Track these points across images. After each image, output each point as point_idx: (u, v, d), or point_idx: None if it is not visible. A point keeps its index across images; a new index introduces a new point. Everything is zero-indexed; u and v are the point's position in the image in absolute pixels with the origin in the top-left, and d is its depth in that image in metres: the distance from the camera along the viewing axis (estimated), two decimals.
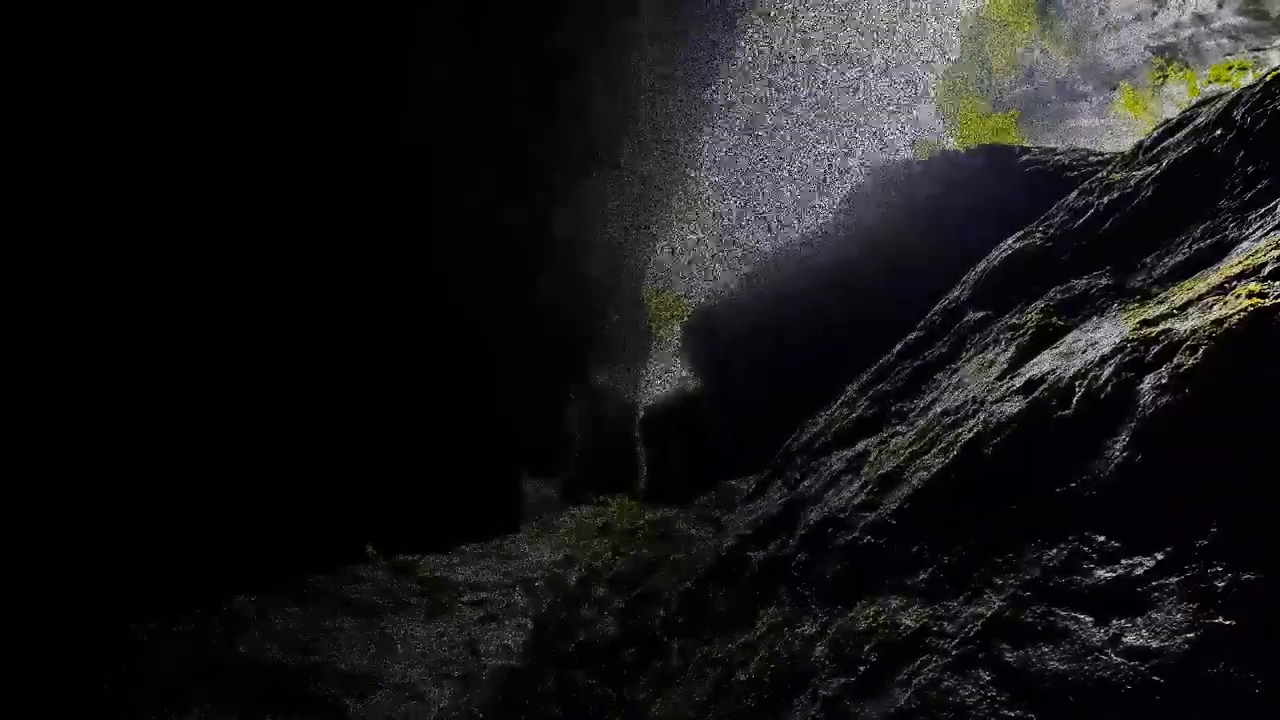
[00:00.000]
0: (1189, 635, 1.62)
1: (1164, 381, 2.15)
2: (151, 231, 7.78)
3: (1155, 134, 4.23)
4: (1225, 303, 2.21)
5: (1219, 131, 3.51)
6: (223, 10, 7.86)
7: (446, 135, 11.02)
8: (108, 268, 7.47)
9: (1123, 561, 1.93)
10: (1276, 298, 2.00)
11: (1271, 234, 2.65)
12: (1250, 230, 2.84)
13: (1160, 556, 1.83)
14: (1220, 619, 1.59)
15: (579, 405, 16.16)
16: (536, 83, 12.26)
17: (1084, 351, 2.75)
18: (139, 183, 7.62)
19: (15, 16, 6.41)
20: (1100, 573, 1.96)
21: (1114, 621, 1.82)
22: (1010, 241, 4.71)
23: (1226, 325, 2.05)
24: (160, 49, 7.50)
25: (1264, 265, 2.26)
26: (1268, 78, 3.45)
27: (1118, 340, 2.55)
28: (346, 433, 9.81)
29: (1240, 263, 2.43)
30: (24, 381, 6.87)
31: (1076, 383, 2.55)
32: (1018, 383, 2.98)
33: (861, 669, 2.48)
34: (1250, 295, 2.11)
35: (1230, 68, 15.21)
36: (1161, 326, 2.39)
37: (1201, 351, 2.07)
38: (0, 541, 6.54)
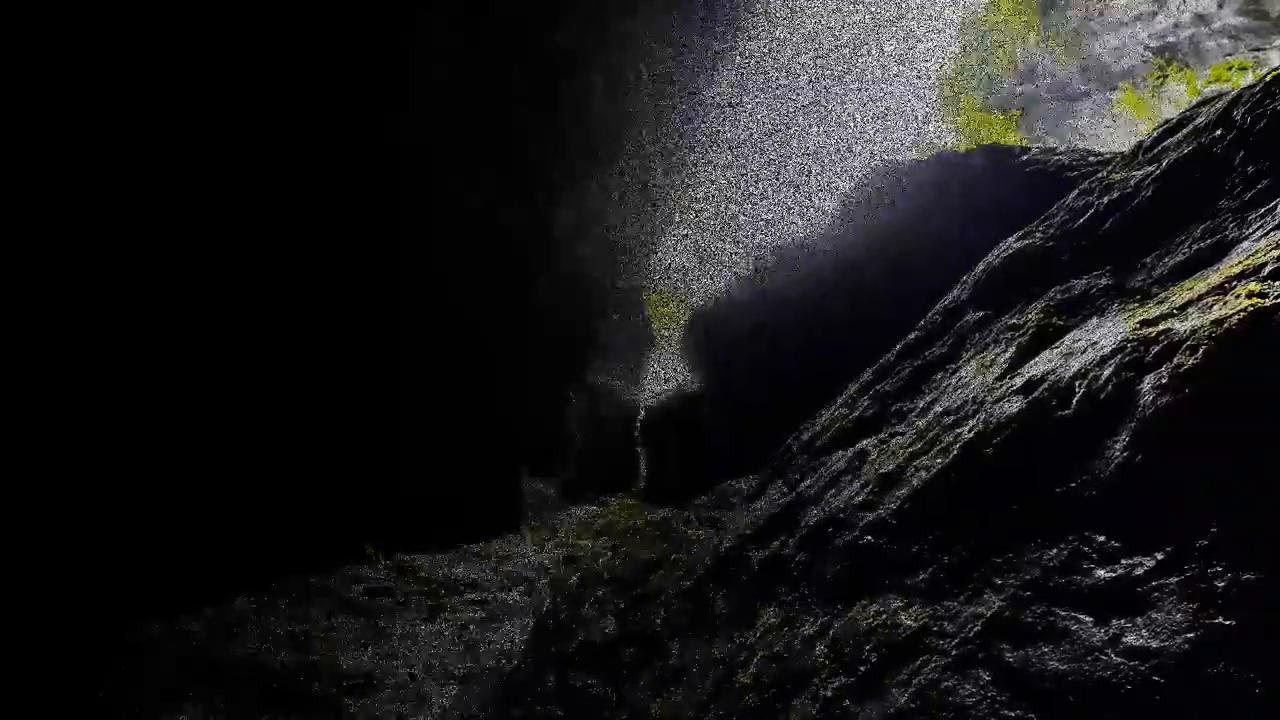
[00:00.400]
0: (1189, 635, 1.62)
1: (1164, 381, 2.15)
2: (151, 231, 7.78)
3: (1155, 134, 4.22)
4: (1225, 303, 2.21)
5: (1219, 131, 3.51)
6: (223, 10, 7.86)
7: (446, 135, 11.02)
8: (107, 267, 7.47)
9: (1123, 561, 1.93)
10: (1276, 298, 2.00)
11: (1271, 234, 2.65)
12: (1250, 230, 2.85)
13: (1160, 556, 1.83)
14: (1220, 619, 1.59)
15: (579, 405, 16.16)
16: (536, 83, 12.26)
17: (1084, 351, 2.75)
18: (139, 182, 7.62)
19: (15, 16, 6.40)
20: (1100, 573, 1.96)
21: (1114, 621, 1.82)
22: (1010, 241, 4.71)
23: (1226, 325, 2.05)
24: (160, 48, 7.50)
25: (1264, 265, 2.26)
26: (1268, 78, 3.45)
27: (1118, 340, 2.55)
28: (346, 432, 9.80)
29: (1240, 263, 2.43)
30: (24, 381, 6.87)
31: (1076, 383, 2.55)
32: (1018, 383, 2.98)
33: (861, 669, 2.48)
34: (1250, 295, 2.11)
35: (1230, 68, 15.21)
36: (1161, 326, 2.38)
37: (1201, 351, 2.07)
38: (0, 541, 6.53)
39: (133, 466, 7.60)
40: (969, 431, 2.98)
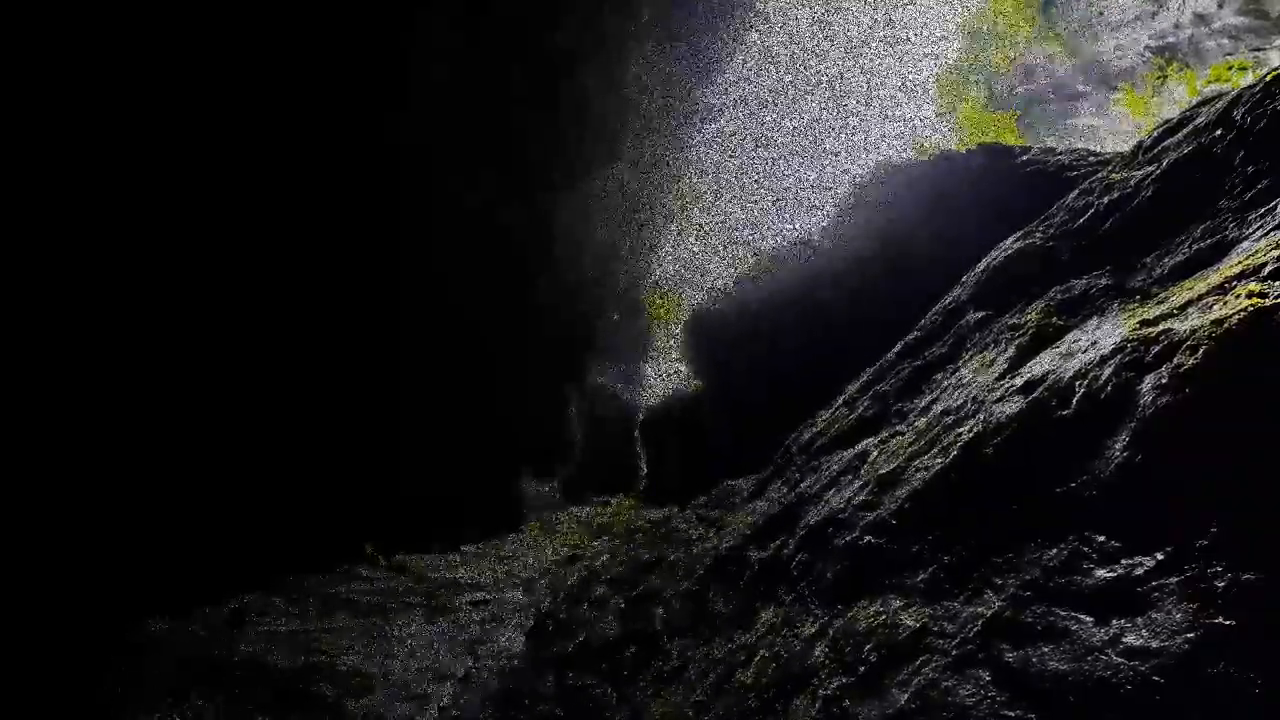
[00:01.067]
0: (1189, 635, 1.62)
1: (1164, 381, 2.15)
2: (152, 231, 7.78)
3: (1155, 134, 4.23)
4: (1225, 303, 2.21)
5: (1219, 131, 3.51)
6: (223, 10, 7.86)
7: (446, 135, 11.02)
8: (108, 267, 7.47)
9: (1123, 561, 1.93)
10: (1276, 298, 2.00)
11: (1271, 234, 2.65)
12: (1250, 230, 2.85)
13: (1160, 556, 1.83)
14: (1220, 619, 1.59)
15: (579, 405, 16.16)
16: (536, 83, 12.26)
17: (1084, 351, 2.75)
18: (139, 182, 7.62)
19: (16, 16, 6.40)
20: (1100, 573, 1.96)
21: (1114, 621, 1.82)
22: (1010, 241, 4.71)
23: (1226, 325, 2.05)
24: (161, 48, 7.50)
25: (1264, 265, 2.26)
26: (1268, 78, 3.45)
27: (1118, 340, 2.55)
28: (346, 433, 9.80)
29: (1240, 263, 2.43)
30: (24, 381, 6.87)
31: (1076, 383, 2.55)
32: (1017, 382, 2.98)
33: (861, 669, 2.48)
34: (1250, 295, 2.11)
35: (1230, 68, 15.21)
36: (1161, 326, 2.38)
37: (1201, 351, 2.07)
38: (0, 541, 6.53)
39: (134, 467, 7.59)
40: (969, 431, 2.98)
